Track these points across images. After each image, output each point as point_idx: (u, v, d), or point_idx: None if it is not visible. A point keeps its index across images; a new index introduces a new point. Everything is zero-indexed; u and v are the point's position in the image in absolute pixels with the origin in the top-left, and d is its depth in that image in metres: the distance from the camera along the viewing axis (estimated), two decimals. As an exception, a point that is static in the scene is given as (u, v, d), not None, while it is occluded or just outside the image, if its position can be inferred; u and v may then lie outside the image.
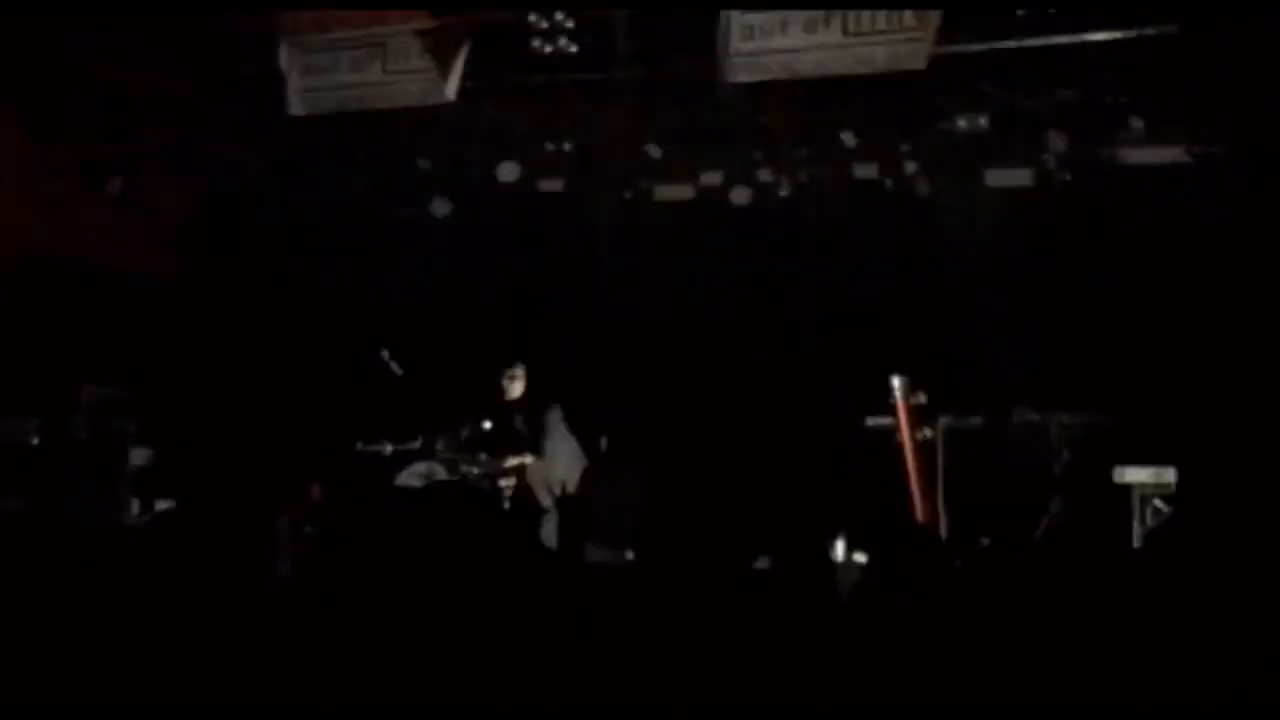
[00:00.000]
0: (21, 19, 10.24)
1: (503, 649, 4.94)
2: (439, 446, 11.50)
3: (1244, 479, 9.70)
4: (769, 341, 11.85)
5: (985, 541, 9.98)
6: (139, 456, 11.19)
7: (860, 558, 9.43)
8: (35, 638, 4.98)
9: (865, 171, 11.62)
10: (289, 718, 4.49)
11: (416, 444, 11.64)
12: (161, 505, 10.90)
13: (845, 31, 9.72)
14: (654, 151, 11.68)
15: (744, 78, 10.08)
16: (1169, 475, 10.21)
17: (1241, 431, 10.02)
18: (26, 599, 5.43)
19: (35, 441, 10.60)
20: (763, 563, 10.02)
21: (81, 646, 4.97)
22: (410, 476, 11.44)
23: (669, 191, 12.28)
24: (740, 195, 11.84)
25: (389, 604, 6.50)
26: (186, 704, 4.51)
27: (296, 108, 11.00)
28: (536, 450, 11.07)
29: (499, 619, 5.69)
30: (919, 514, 10.55)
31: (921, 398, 10.77)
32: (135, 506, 11.10)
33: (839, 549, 9.79)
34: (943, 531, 10.60)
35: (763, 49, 9.88)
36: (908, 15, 9.46)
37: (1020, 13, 9.65)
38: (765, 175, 11.79)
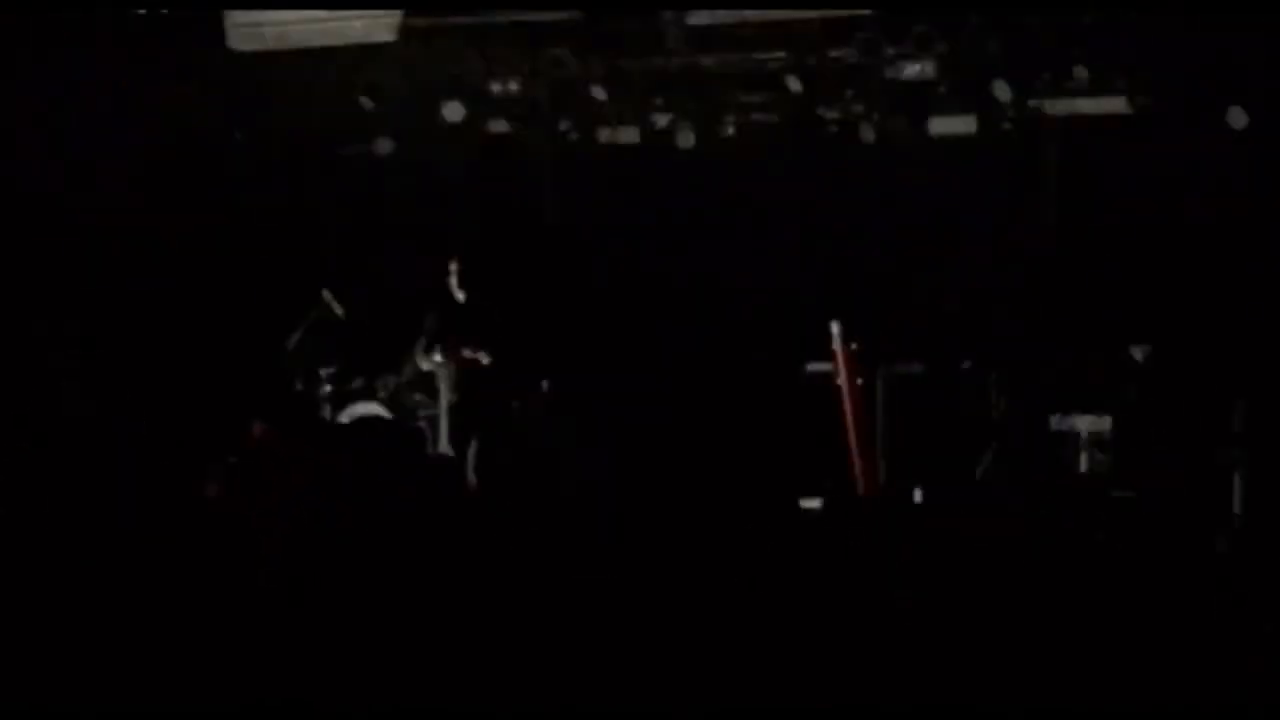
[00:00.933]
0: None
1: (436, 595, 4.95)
2: (380, 385, 11.50)
3: (1182, 422, 9.92)
4: (712, 285, 11.87)
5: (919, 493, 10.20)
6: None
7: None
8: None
9: (810, 117, 11.63)
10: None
11: (358, 383, 11.62)
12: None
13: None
14: (599, 94, 11.61)
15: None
16: (1106, 423, 10.40)
17: (1182, 378, 10.21)
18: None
19: None
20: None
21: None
22: (350, 416, 11.43)
23: (615, 134, 12.22)
24: (686, 139, 11.81)
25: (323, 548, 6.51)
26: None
27: (235, 43, 10.90)
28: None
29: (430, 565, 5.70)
30: (856, 459, 10.65)
31: (853, 346, 10.84)
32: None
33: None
34: (881, 477, 10.73)
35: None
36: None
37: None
38: (712, 119, 11.77)
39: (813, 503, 9.74)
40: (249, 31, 10.87)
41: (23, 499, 8.70)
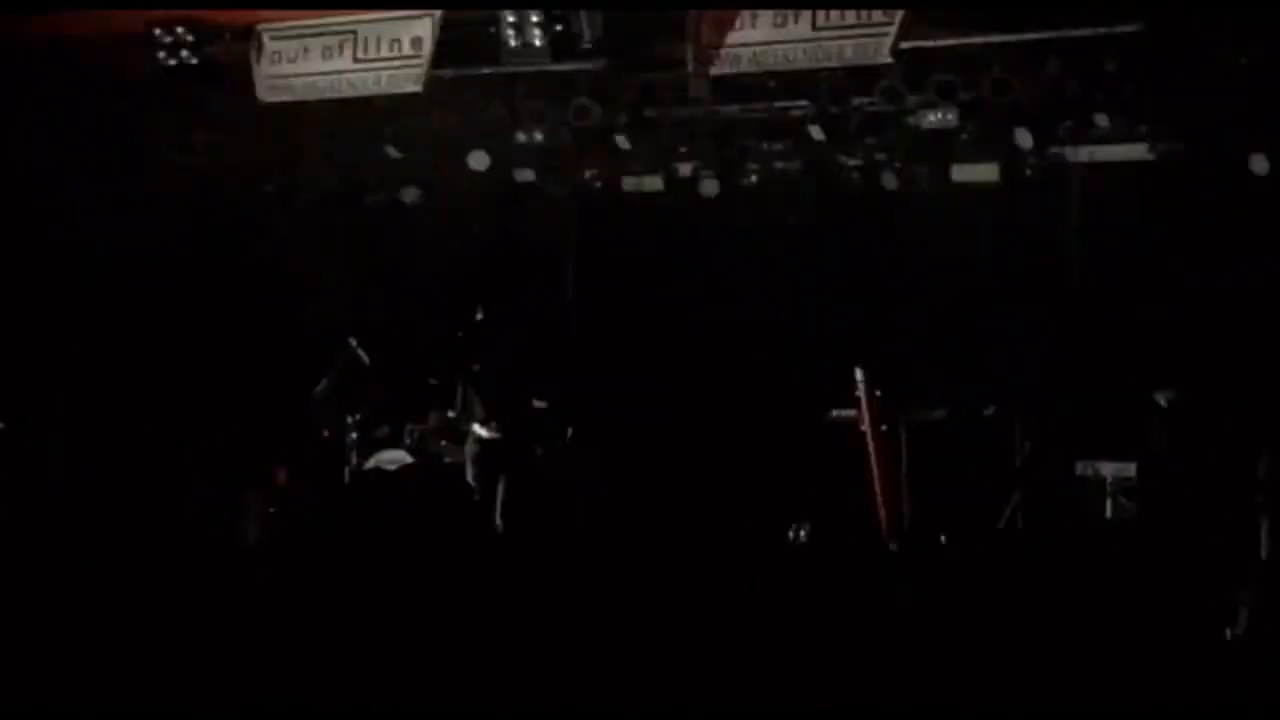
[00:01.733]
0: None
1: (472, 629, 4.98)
2: (406, 432, 11.58)
3: (1207, 469, 9.86)
4: (736, 332, 11.90)
5: (943, 537, 10.22)
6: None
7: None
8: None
9: (833, 165, 11.68)
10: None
11: (384, 431, 11.71)
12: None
13: (814, 26, 9.83)
14: (622, 142, 11.68)
15: (715, 70, 10.24)
16: (1130, 469, 10.35)
17: (1203, 425, 10.14)
18: None
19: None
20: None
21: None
22: (378, 462, 11.52)
23: (639, 183, 12.33)
24: (709, 187, 11.90)
25: (359, 585, 6.59)
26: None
27: (265, 94, 11.03)
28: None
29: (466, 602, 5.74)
30: (881, 504, 10.65)
31: (878, 392, 10.85)
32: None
33: None
34: (906, 522, 10.72)
35: (732, 42, 10.02)
36: (876, 10, 9.58)
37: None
38: (733, 167, 11.83)
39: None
40: (278, 83, 10.99)
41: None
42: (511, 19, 10.33)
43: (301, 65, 10.92)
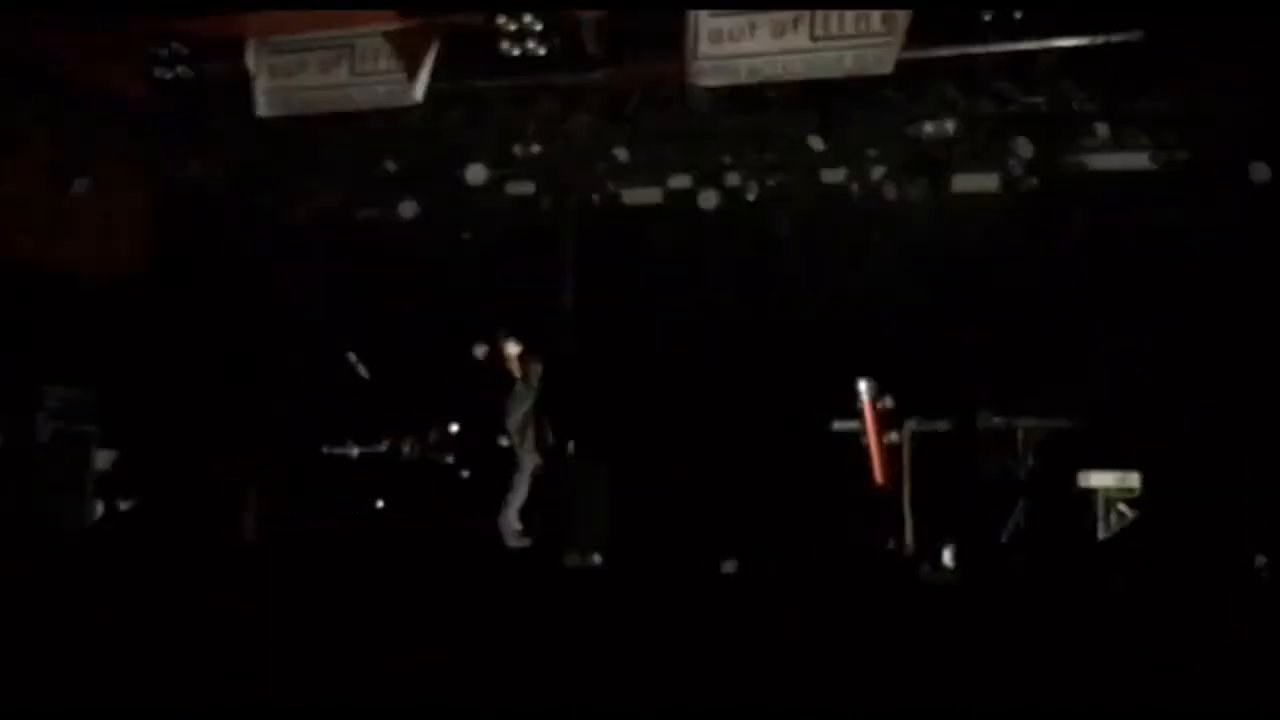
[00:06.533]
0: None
1: (483, 651, 4.95)
2: (405, 449, 11.56)
3: (1206, 483, 9.78)
4: (737, 344, 11.85)
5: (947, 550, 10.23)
6: (102, 459, 11.22)
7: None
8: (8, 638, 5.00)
9: (833, 176, 11.62)
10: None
11: (382, 447, 11.67)
12: (124, 507, 11.07)
13: (813, 35, 9.75)
14: (621, 155, 11.64)
15: (710, 81, 10.16)
16: (1133, 480, 10.28)
17: (1204, 436, 10.08)
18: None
19: (-1, 444, 10.67)
20: (730, 565, 10.20)
21: (52, 644, 4.99)
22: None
23: (637, 195, 12.30)
24: (708, 199, 11.82)
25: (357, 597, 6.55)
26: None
27: (263, 109, 10.98)
28: None
29: (477, 623, 5.71)
30: (884, 517, 10.63)
31: (889, 402, 10.85)
32: (98, 509, 11.15)
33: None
34: (909, 535, 10.69)
35: (730, 53, 9.93)
36: (875, 19, 9.49)
37: (987, 18, 9.70)
38: (733, 179, 11.74)
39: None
40: (276, 97, 10.94)
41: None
42: (512, 29, 10.29)
43: (299, 79, 10.87)
